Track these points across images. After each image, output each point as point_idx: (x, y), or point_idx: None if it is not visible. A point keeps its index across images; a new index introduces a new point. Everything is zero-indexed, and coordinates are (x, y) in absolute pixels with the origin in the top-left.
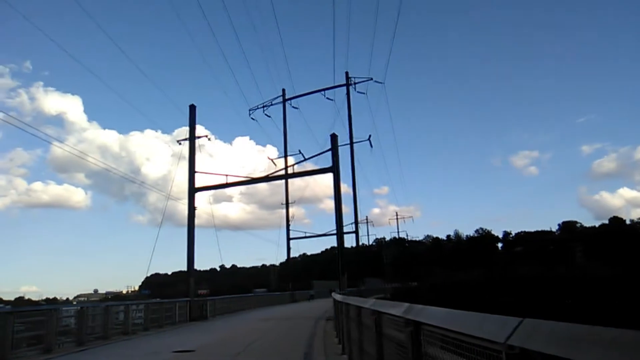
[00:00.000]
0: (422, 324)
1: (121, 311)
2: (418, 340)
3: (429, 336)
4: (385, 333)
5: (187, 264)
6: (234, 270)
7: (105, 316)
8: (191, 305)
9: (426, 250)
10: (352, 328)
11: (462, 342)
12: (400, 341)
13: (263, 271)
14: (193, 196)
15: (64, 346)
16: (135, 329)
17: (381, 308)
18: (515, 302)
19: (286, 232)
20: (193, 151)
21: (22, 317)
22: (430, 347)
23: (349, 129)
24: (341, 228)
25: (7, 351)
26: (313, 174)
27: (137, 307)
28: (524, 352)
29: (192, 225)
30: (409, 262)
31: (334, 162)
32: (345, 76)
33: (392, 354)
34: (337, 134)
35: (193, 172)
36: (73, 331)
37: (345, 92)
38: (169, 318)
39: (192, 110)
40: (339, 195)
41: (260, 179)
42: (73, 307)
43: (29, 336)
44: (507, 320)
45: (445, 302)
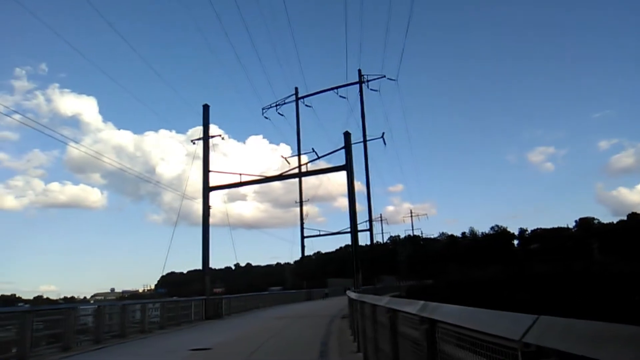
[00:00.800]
0: (437, 322)
1: (138, 310)
2: (433, 338)
3: (444, 334)
4: (401, 331)
5: (203, 262)
6: (248, 268)
7: (122, 315)
8: (207, 303)
9: (441, 248)
10: (367, 326)
11: (477, 339)
12: (415, 339)
13: (278, 269)
14: (207, 195)
15: (82, 344)
16: (151, 328)
17: (396, 306)
18: (532, 300)
19: (300, 231)
20: (207, 150)
21: (41, 316)
22: (445, 345)
23: (362, 127)
24: (355, 226)
25: (27, 349)
26: (327, 172)
27: (154, 305)
28: (540, 349)
29: (207, 224)
30: (424, 260)
31: (348, 160)
32: (358, 74)
33: (408, 351)
34: (350, 132)
35: (207, 172)
36: (91, 330)
37: (358, 90)
38: (185, 316)
39: (205, 110)
40: (353, 193)
41: (274, 177)
42: (90, 306)
43: (48, 334)
44: (523, 318)
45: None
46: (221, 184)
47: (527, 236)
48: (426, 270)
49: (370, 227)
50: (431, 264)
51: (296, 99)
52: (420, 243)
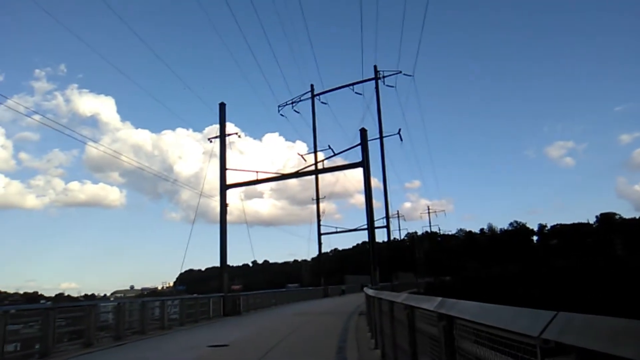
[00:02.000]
0: (455, 318)
1: (157, 307)
2: (451, 334)
3: (462, 330)
4: (418, 327)
5: (220, 260)
6: (266, 265)
7: (141, 312)
8: (225, 300)
9: (459, 244)
10: (385, 322)
11: (495, 336)
12: (433, 335)
13: (295, 266)
14: (225, 193)
15: (103, 341)
16: (171, 324)
17: (414, 302)
18: (551, 296)
19: (317, 228)
20: (224, 149)
21: (62, 313)
22: (463, 342)
23: (378, 123)
24: (372, 223)
25: (50, 345)
26: (343, 169)
27: (173, 302)
28: (559, 346)
29: (224, 221)
30: (441, 257)
31: (364, 157)
32: (374, 70)
33: (425, 348)
34: (366, 129)
35: (224, 169)
36: (111, 326)
37: (374, 86)
38: (204, 313)
39: (222, 108)
40: (370, 190)
41: (291, 174)
42: (111, 303)
43: (70, 331)
44: (541, 314)
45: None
46: (238, 182)
47: (546, 232)
48: (444, 267)
49: (388, 223)
50: (449, 261)
51: (312, 96)
52: (437, 240)
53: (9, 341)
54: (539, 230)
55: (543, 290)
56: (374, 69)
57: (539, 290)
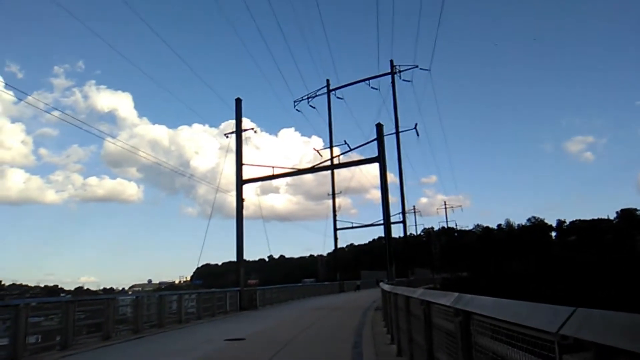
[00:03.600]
0: (471, 314)
1: (174, 301)
2: (468, 330)
3: (479, 326)
4: (435, 323)
5: (237, 254)
6: (282, 260)
7: (159, 305)
8: (242, 295)
9: (476, 240)
10: (401, 318)
11: (513, 332)
12: (449, 331)
13: (311, 261)
14: (241, 188)
15: (122, 334)
16: (188, 318)
17: (430, 298)
18: (569, 292)
19: (333, 223)
20: (240, 144)
21: (82, 306)
22: (480, 337)
23: (394, 118)
24: (388, 218)
25: (70, 337)
26: (359, 164)
27: (190, 296)
28: (577, 342)
29: (241, 216)
30: (458, 252)
31: (380, 152)
32: (390, 64)
33: (442, 343)
34: (382, 124)
35: (240, 165)
36: (130, 320)
37: (390, 81)
38: (221, 307)
39: (238, 104)
40: (386, 185)
41: (306, 170)
42: (129, 297)
43: (89, 324)
44: (560, 310)
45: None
46: (254, 177)
47: (565, 228)
48: (461, 263)
49: (404, 219)
50: (466, 257)
51: (328, 91)
52: (454, 235)
53: (31, 333)
54: (558, 226)
55: (561, 286)
56: (390, 63)
57: (557, 286)
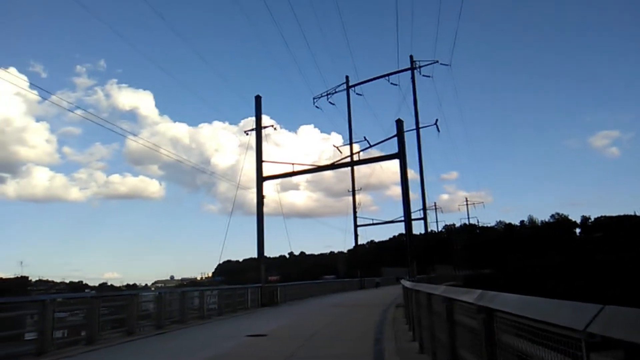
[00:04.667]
0: (495, 311)
1: (196, 297)
2: (491, 327)
3: (503, 323)
4: (457, 320)
5: (258, 251)
6: (302, 257)
7: (181, 301)
8: (262, 291)
9: (498, 237)
10: (423, 315)
11: (537, 329)
12: (472, 328)
13: (331, 258)
14: (261, 185)
15: (145, 329)
16: (210, 314)
17: (452, 295)
18: (595, 289)
19: (353, 219)
20: (260, 141)
21: (106, 302)
22: (504, 335)
23: (414, 114)
24: (409, 214)
25: (95, 332)
26: (379, 161)
27: (212, 292)
28: (605, 340)
29: (261, 213)
30: (480, 249)
31: (400, 148)
32: (410, 60)
33: (465, 341)
34: (402, 120)
35: (260, 162)
36: (152, 315)
37: (410, 77)
38: (242, 303)
39: (257, 101)
40: (406, 182)
41: (326, 166)
42: (152, 293)
43: (113, 319)
44: (586, 307)
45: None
46: (274, 174)
47: (589, 224)
48: (483, 260)
49: (425, 215)
50: (488, 253)
51: (347, 87)
52: (476, 232)
53: (57, 328)
54: (582, 223)
55: (586, 284)
56: (410, 59)
57: (582, 283)
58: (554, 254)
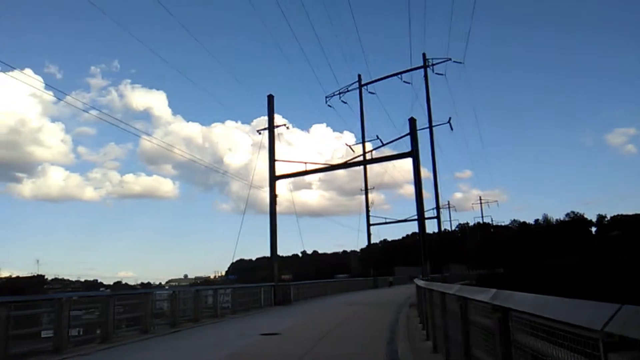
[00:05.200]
0: (510, 310)
1: (210, 295)
2: (506, 326)
3: (518, 323)
4: (471, 319)
5: (270, 250)
6: (315, 256)
7: (195, 300)
8: (275, 290)
9: (513, 236)
10: (437, 314)
11: (553, 329)
12: (487, 327)
13: (344, 257)
14: (274, 184)
15: (159, 328)
16: (223, 313)
17: (467, 294)
18: (612, 289)
19: (366, 218)
20: (272, 140)
21: (121, 300)
22: (519, 334)
23: (427, 112)
24: (422, 213)
25: (111, 330)
26: (392, 159)
27: (225, 291)
28: (623, 340)
29: (274, 212)
30: (494, 248)
31: (413, 147)
32: (423, 58)
33: (479, 340)
34: (415, 118)
35: (273, 161)
36: (166, 314)
37: (423, 75)
38: (255, 302)
39: (270, 100)
40: (419, 180)
41: (339, 165)
42: (166, 292)
43: (128, 318)
44: (604, 307)
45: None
46: (287, 173)
47: (606, 223)
48: (497, 259)
49: (438, 214)
50: (502, 253)
51: (359, 86)
52: (490, 231)
53: (73, 326)
54: (598, 221)
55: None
56: (423, 56)
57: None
58: (570, 253)
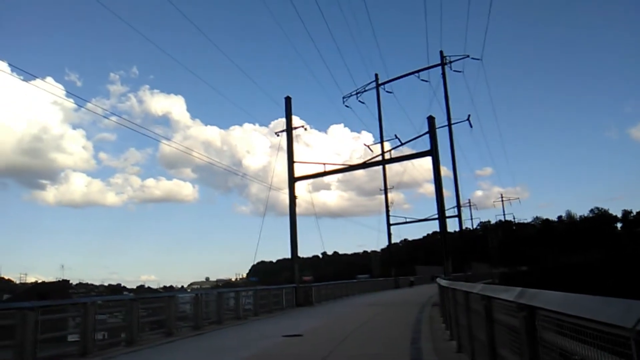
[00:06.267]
0: (537, 309)
1: (232, 297)
2: (533, 325)
3: (545, 321)
4: (496, 318)
5: (291, 251)
6: (335, 257)
7: (218, 302)
8: (297, 291)
9: (535, 233)
10: (460, 313)
11: (582, 327)
12: (512, 326)
13: (364, 257)
14: (293, 186)
15: (183, 330)
16: (246, 315)
17: (491, 293)
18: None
19: (386, 218)
20: (291, 142)
21: (145, 304)
22: (546, 333)
23: (446, 110)
24: (443, 212)
25: (135, 334)
26: (411, 159)
27: (247, 293)
28: None
29: (294, 214)
30: (516, 246)
31: (433, 145)
32: (440, 55)
33: (504, 339)
34: (434, 116)
35: (292, 162)
36: (190, 317)
37: (441, 72)
38: (277, 304)
39: (287, 102)
40: (440, 179)
41: (358, 166)
42: (189, 294)
43: (151, 321)
44: (634, 304)
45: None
46: (306, 174)
47: (631, 218)
48: (519, 257)
49: (459, 212)
50: (525, 250)
51: (376, 85)
52: (512, 228)
53: (98, 330)
54: (623, 217)
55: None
56: (440, 54)
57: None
58: (594, 250)
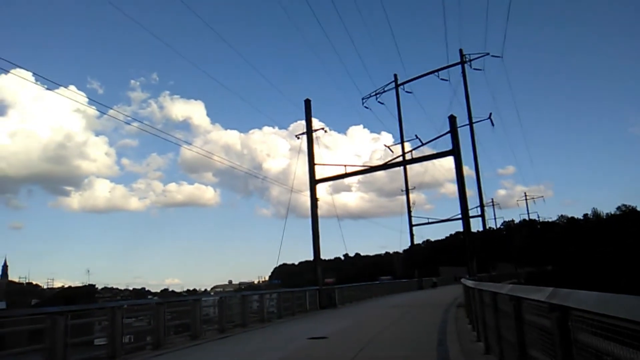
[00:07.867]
0: (570, 309)
1: (256, 300)
2: (566, 326)
3: (579, 322)
4: (526, 319)
5: (314, 253)
6: (357, 258)
7: (242, 305)
8: (320, 293)
9: (561, 232)
10: (488, 314)
11: (618, 327)
12: (543, 327)
13: (387, 259)
14: (314, 188)
15: (208, 333)
16: (270, 317)
17: (520, 293)
18: None
19: (408, 219)
20: (311, 144)
21: (170, 307)
22: (580, 334)
23: (467, 109)
24: (466, 212)
25: (161, 337)
26: (432, 159)
27: (271, 296)
28: None
29: (316, 216)
30: (541, 245)
31: (454, 145)
32: (460, 54)
33: (535, 341)
34: (455, 115)
35: (312, 165)
36: (214, 320)
37: (461, 71)
38: (300, 306)
39: (307, 105)
40: (462, 179)
41: (379, 167)
42: (212, 298)
43: (177, 324)
44: None
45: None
46: (326, 176)
47: None
48: (545, 256)
49: (482, 212)
50: (550, 249)
51: (396, 85)
52: (537, 227)
53: (125, 333)
54: None
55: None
56: (460, 52)
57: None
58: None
